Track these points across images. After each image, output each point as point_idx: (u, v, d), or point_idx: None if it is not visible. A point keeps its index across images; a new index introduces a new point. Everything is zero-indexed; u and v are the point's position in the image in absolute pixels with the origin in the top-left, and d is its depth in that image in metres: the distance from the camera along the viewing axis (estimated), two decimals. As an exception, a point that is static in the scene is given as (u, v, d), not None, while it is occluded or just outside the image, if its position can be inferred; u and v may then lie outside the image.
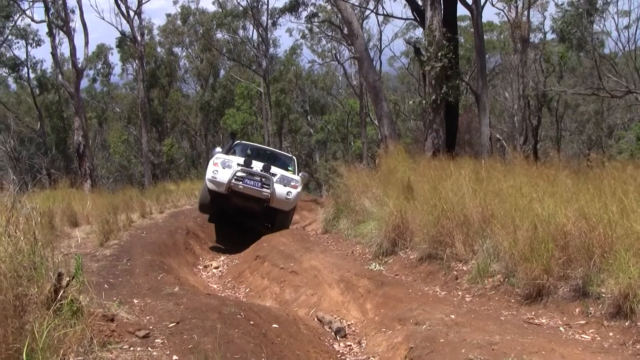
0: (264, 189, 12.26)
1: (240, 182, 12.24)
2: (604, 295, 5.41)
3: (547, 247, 5.85)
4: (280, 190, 12.45)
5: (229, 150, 14.16)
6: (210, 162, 12.91)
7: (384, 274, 8.08)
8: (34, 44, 37.60)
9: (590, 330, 5.26)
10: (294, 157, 16.24)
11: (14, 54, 37.83)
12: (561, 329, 5.39)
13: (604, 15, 21.59)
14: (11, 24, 34.47)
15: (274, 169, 12.79)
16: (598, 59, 20.28)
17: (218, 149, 14.14)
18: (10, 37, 36.18)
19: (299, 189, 12.93)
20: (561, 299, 5.81)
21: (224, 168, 12.41)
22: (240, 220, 14.10)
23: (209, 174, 12.55)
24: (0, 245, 3.76)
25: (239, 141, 15.91)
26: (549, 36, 32.43)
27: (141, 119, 35.61)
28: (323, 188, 32.85)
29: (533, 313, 5.86)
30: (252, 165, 12.57)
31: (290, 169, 14.16)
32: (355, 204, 10.98)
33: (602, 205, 5.96)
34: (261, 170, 12.45)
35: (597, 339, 5.09)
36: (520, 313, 5.94)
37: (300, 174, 13.74)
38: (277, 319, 6.26)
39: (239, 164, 12.50)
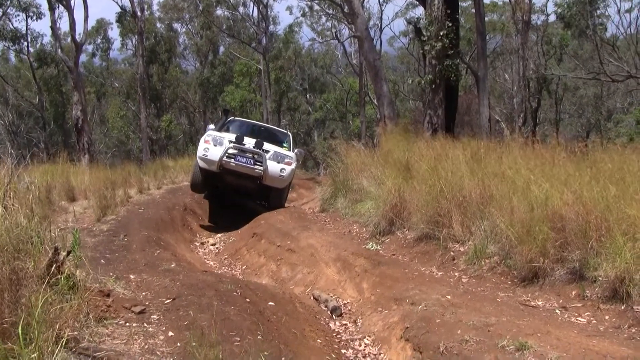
0: (257, 166, 12.02)
1: (232, 160, 12.01)
2: (600, 279, 5.41)
3: (543, 229, 5.85)
4: (273, 167, 12.17)
5: (222, 127, 13.91)
6: (202, 139, 12.66)
7: (380, 254, 8.09)
8: (35, 17, 37.20)
9: (586, 313, 5.27)
10: (289, 133, 15.95)
11: (13, 27, 37.50)
12: (557, 311, 5.40)
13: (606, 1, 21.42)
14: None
15: (267, 146, 12.46)
16: (599, 43, 20.11)
17: (211, 125, 13.91)
18: (10, 9, 35.87)
19: (294, 165, 12.62)
20: (557, 282, 5.82)
21: (215, 145, 12.16)
22: (234, 199, 13.95)
23: (199, 152, 12.29)
24: (-3, 218, 3.76)
25: (232, 117, 15.59)
26: (552, 19, 32.23)
27: (140, 95, 35.48)
28: (321, 166, 32.79)
29: (529, 295, 5.88)
30: (244, 142, 12.27)
31: (285, 145, 13.88)
32: (353, 183, 10.96)
33: (600, 189, 5.96)
34: (253, 147, 12.15)
35: (592, 322, 5.11)
36: (517, 295, 5.95)
37: (295, 151, 13.44)
38: (274, 296, 6.28)
39: (230, 141, 12.24)
